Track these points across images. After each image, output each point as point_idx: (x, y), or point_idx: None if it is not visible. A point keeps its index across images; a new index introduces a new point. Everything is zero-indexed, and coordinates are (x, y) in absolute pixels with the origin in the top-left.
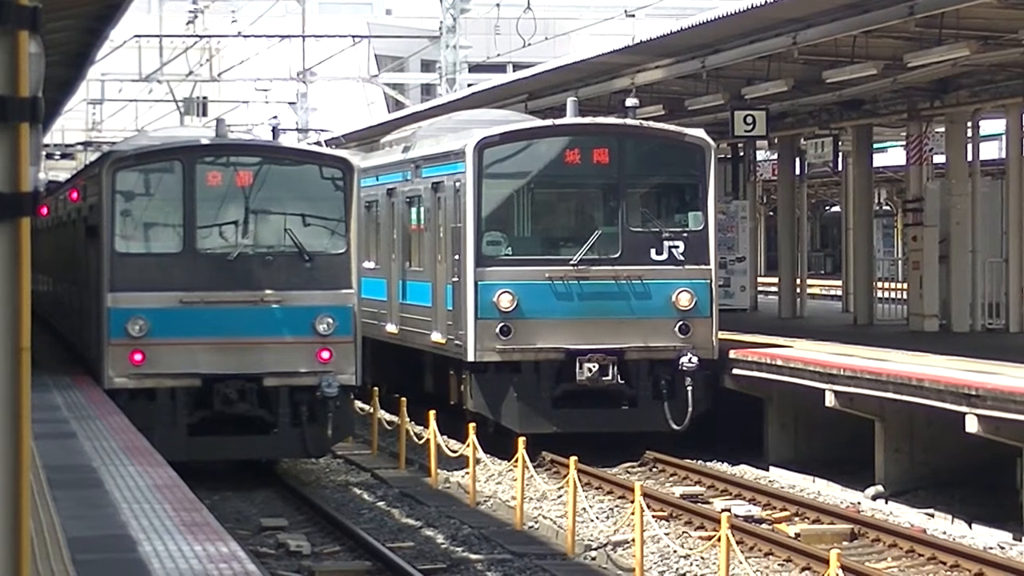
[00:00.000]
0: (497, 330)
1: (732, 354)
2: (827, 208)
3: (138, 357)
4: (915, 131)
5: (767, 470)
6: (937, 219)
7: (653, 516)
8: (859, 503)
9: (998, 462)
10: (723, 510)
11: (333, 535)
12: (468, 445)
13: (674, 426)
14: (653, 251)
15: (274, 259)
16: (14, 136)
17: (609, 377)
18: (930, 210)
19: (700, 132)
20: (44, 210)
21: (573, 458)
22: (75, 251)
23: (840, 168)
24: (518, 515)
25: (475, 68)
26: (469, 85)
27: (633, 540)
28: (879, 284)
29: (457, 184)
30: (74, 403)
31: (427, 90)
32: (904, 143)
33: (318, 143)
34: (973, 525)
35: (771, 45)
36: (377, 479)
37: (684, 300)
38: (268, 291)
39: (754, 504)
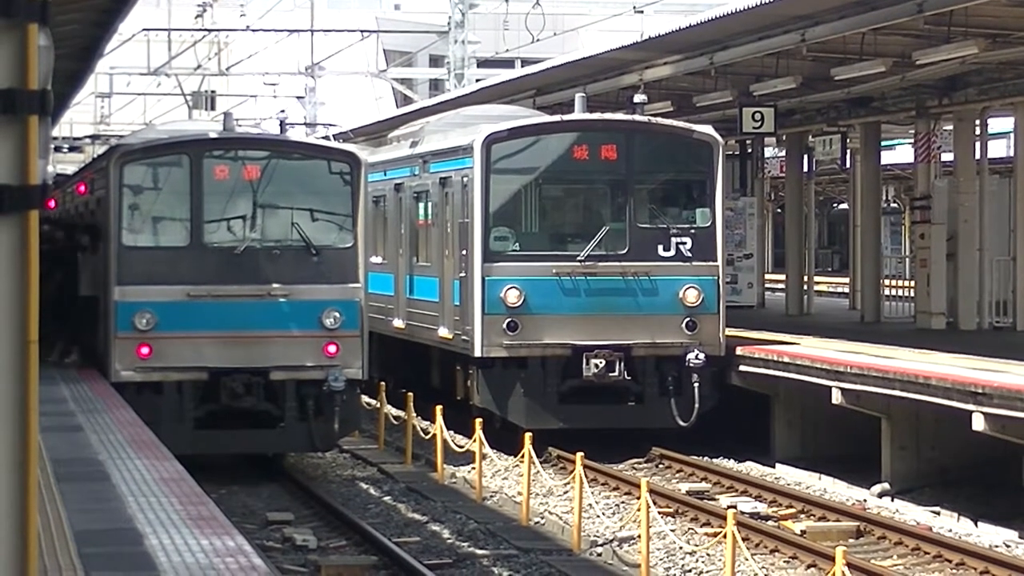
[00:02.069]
0: (504, 325)
1: (739, 351)
2: (835, 205)
3: (145, 350)
4: (923, 129)
5: (773, 467)
6: (945, 217)
7: (659, 512)
8: (865, 500)
9: (1004, 460)
10: (729, 507)
11: (339, 529)
12: (474, 440)
13: (680, 422)
14: (660, 247)
15: (281, 253)
16: (23, 129)
17: (616, 373)
18: (938, 208)
19: (708, 128)
20: (52, 203)
21: (579, 454)
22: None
23: (848, 165)
24: (524, 511)
25: (483, 63)
26: (477, 80)
27: (639, 536)
28: (886, 282)
29: (465, 179)
30: (81, 396)
31: (435, 85)
32: (912, 141)
33: (326, 138)
34: (979, 523)
35: (780, 42)
36: (383, 474)
37: (691, 296)
38: (275, 285)
39: (760, 501)
